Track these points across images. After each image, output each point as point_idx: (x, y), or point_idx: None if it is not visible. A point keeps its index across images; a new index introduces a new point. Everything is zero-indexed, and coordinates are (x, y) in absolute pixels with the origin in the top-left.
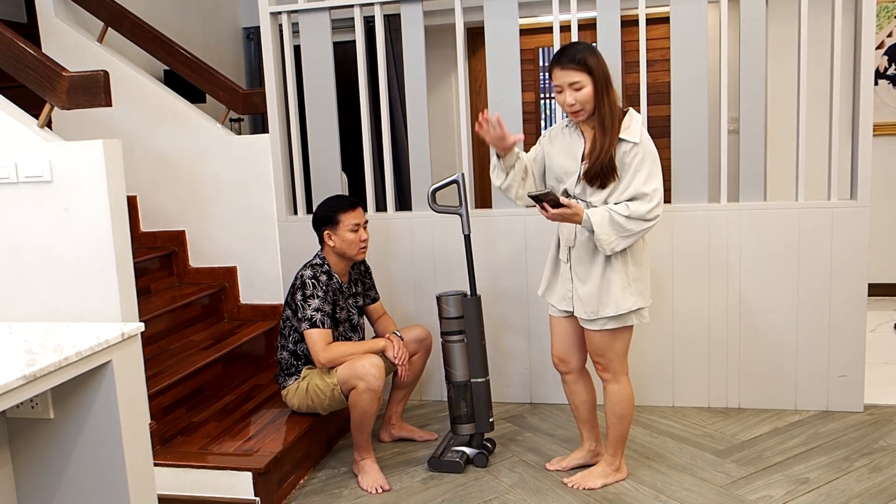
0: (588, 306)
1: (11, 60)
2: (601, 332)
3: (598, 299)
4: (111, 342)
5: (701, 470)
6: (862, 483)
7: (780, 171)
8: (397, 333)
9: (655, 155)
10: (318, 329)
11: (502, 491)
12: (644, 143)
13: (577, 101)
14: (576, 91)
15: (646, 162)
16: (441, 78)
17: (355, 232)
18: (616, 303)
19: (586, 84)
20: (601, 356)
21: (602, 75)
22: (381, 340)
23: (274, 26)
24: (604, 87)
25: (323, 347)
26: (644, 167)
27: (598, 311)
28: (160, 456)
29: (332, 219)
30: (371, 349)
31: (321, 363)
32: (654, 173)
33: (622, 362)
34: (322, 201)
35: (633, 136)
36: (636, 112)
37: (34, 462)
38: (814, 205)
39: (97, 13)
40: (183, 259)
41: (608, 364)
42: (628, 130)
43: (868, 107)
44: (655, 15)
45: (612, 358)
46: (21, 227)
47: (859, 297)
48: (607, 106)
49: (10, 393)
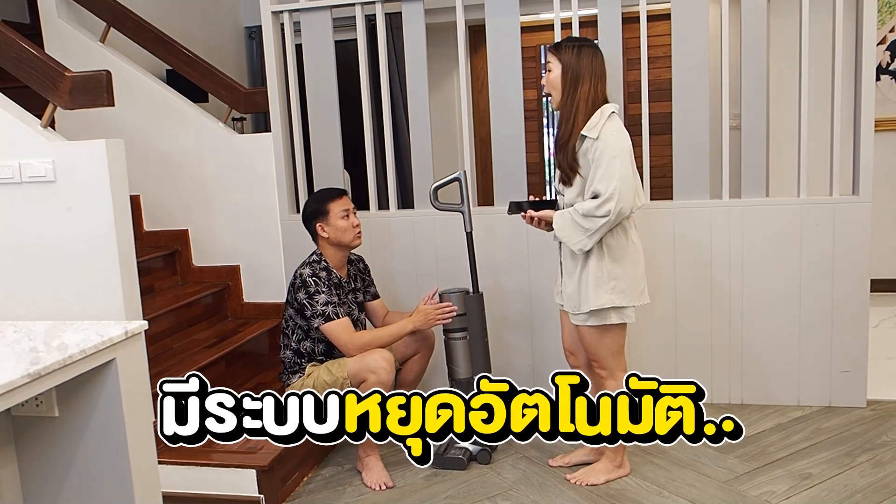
0: (570, 301)
1: (14, 61)
2: (587, 328)
3: (579, 294)
4: (115, 340)
5: (704, 466)
6: (865, 478)
7: (782, 166)
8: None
9: (618, 151)
10: (335, 321)
11: (505, 487)
12: (604, 139)
13: (546, 82)
14: (547, 72)
15: (603, 158)
16: (442, 76)
17: (346, 218)
18: (590, 299)
19: (554, 69)
20: (593, 352)
21: (572, 67)
22: (406, 323)
23: (275, 25)
24: (571, 80)
25: (349, 338)
26: (602, 163)
27: (580, 306)
28: (164, 454)
29: (320, 210)
30: (398, 332)
31: (352, 353)
32: (611, 171)
33: (616, 359)
34: (307, 199)
35: (593, 132)
36: (611, 109)
37: (39, 460)
38: (816, 200)
39: (99, 13)
40: (186, 258)
41: (601, 361)
42: (591, 127)
43: (870, 102)
44: (656, 11)
45: (604, 355)
46: (25, 226)
47: (862, 292)
48: (570, 99)
49: (14, 391)
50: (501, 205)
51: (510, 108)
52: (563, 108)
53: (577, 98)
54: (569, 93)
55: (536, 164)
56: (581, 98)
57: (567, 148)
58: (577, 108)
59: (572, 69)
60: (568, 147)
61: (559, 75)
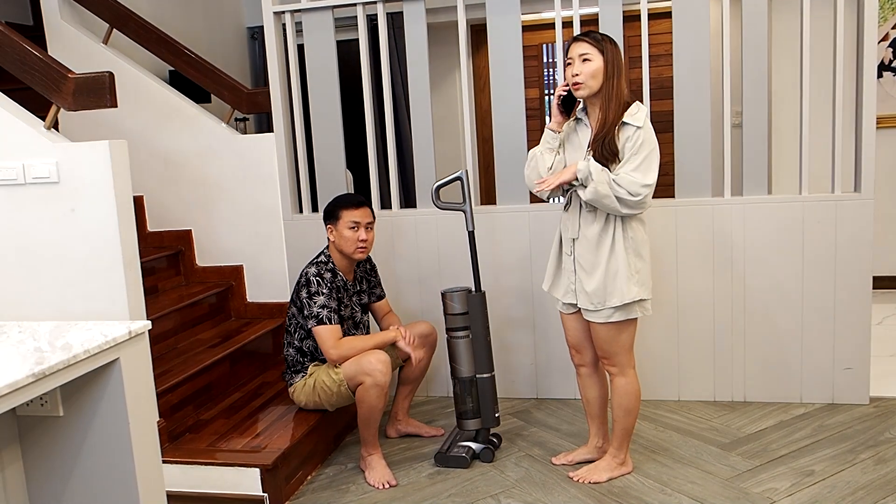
0: (594, 297)
1: (18, 63)
2: (606, 325)
3: (605, 289)
4: (119, 340)
5: (706, 463)
6: (867, 475)
7: (784, 164)
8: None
9: (655, 146)
10: (326, 325)
11: (509, 485)
12: (648, 130)
13: (582, 72)
14: (583, 62)
15: (645, 148)
16: (444, 75)
17: (353, 230)
18: (621, 292)
19: (595, 59)
20: (607, 350)
21: (614, 60)
22: (390, 332)
23: (277, 25)
24: (613, 71)
25: (333, 343)
26: (643, 152)
27: (605, 301)
28: (169, 453)
29: (333, 213)
30: (382, 341)
31: (332, 359)
32: (651, 164)
33: (628, 356)
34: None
35: (637, 121)
36: (644, 106)
37: (44, 459)
38: (818, 198)
39: (102, 15)
40: (190, 258)
41: (614, 358)
42: (634, 116)
43: (871, 99)
44: (657, 9)
45: (617, 351)
46: (29, 227)
47: (864, 289)
48: (615, 88)
49: (19, 391)
50: (503, 204)
51: (512, 107)
52: (607, 95)
53: (620, 87)
54: (613, 82)
55: None
56: (622, 88)
57: (612, 138)
58: (620, 96)
59: (616, 60)
60: (612, 137)
61: (601, 65)
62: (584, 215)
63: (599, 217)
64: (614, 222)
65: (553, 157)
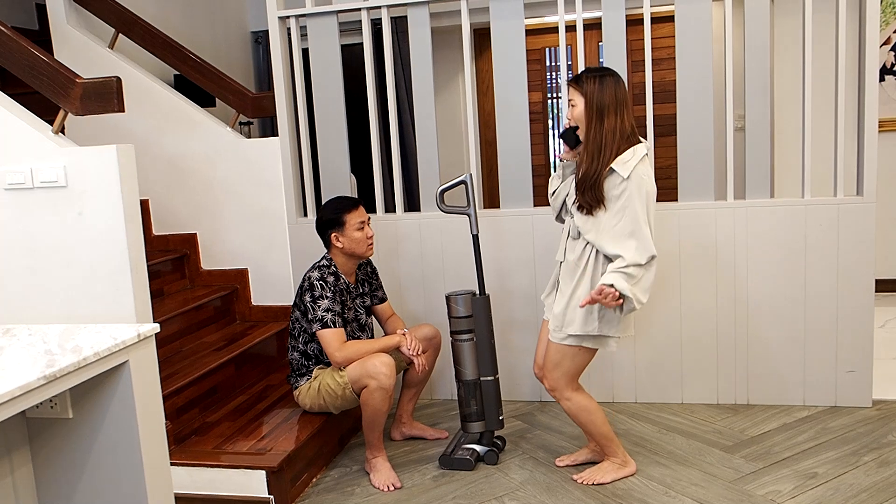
0: (556, 319)
1: (26, 68)
2: (558, 345)
3: (564, 315)
4: (128, 343)
5: (710, 465)
6: (870, 477)
7: (787, 167)
8: (406, 331)
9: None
10: (331, 329)
11: (513, 488)
12: (634, 179)
13: (572, 117)
14: (571, 107)
15: (627, 207)
16: (448, 79)
17: (361, 230)
18: (580, 323)
19: (578, 104)
20: (550, 369)
21: (595, 100)
22: (394, 337)
23: (282, 30)
24: (595, 113)
25: (337, 347)
26: (627, 214)
27: (562, 327)
28: (175, 455)
29: (337, 220)
30: (385, 346)
31: (337, 362)
32: (638, 226)
33: (568, 381)
34: (323, 205)
35: (624, 170)
36: (643, 151)
37: (53, 461)
38: (820, 201)
39: (108, 19)
40: (195, 261)
41: (553, 379)
42: (624, 164)
43: (873, 103)
44: (660, 14)
45: (558, 374)
46: (37, 231)
47: (866, 292)
48: (597, 133)
49: (30, 393)
50: (507, 207)
51: (515, 111)
52: (591, 143)
53: (605, 131)
54: (595, 127)
55: (542, 166)
56: (608, 130)
57: (596, 184)
58: (604, 141)
59: (597, 101)
60: (597, 183)
61: (583, 109)
62: (570, 241)
63: (578, 247)
64: (590, 254)
65: (559, 184)
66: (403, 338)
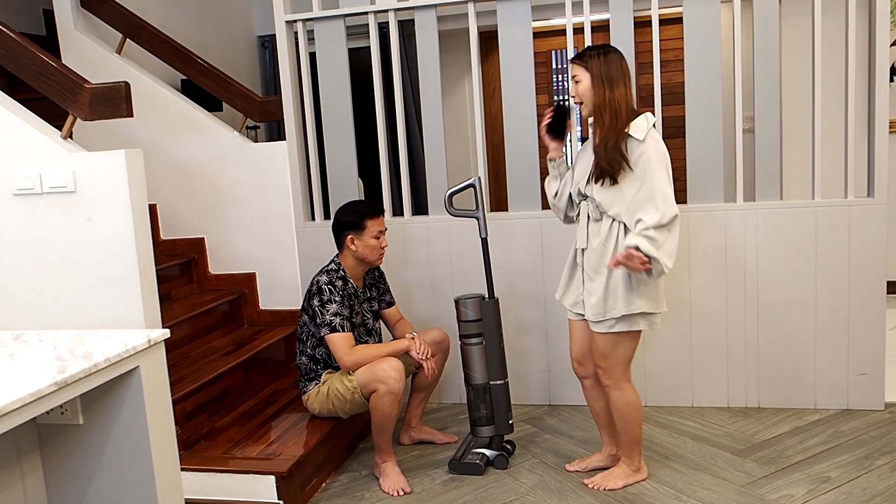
0: (597, 307)
1: (35, 73)
2: (606, 335)
3: (605, 301)
4: (138, 348)
5: (721, 469)
6: (884, 481)
7: (796, 169)
8: (414, 335)
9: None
10: (339, 333)
11: (523, 492)
12: (649, 141)
13: (577, 93)
14: (576, 84)
15: (649, 166)
16: (455, 82)
17: (377, 239)
18: (623, 304)
19: (583, 79)
20: (603, 361)
21: (601, 73)
22: (403, 341)
23: (289, 34)
24: (604, 83)
25: (347, 351)
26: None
27: (606, 312)
28: (184, 461)
29: (358, 224)
30: (395, 350)
31: (346, 366)
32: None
33: (624, 370)
34: (345, 205)
35: (639, 133)
36: (651, 116)
37: (64, 467)
38: (830, 203)
39: (115, 25)
40: (203, 266)
41: (609, 370)
42: (636, 127)
43: (884, 104)
44: (669, 15)
45: (612, 364)
46: (46, 236)
47: (878, 294)
48: (610, 98)
49: (41, 399)
50: (516, 210)
51: (522, 114)
52: (604, 106)
53: (616, 97)
54: (607, 94)
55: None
56: (619, 98)
57: (617, 146)
58: (614, 105)
59: (604, 73)
60: (617, 145)
61: (590, 84)
62: (591, 225)
63: (604, 227)
64: (617, 233)
65: (558, 184)
66: (412, 342)
